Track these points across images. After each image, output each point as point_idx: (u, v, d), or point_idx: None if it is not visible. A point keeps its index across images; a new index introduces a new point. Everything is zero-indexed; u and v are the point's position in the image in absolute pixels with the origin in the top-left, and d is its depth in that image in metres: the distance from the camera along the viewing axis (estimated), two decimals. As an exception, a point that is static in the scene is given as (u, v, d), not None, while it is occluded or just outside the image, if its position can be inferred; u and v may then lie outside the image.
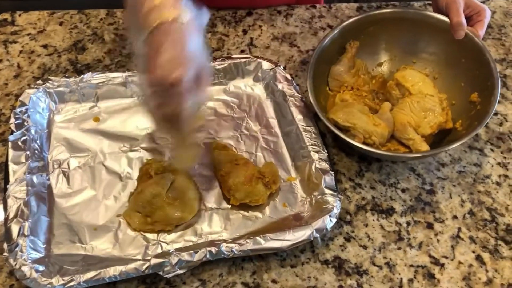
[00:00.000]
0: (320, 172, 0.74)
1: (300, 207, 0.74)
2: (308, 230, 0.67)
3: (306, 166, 0.76)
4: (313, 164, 0.75)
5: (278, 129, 0.83)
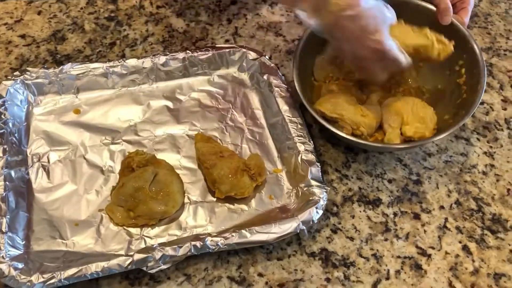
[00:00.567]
0: (306, 163, 0.73)
1: (286, 199, 0.73)
2: (294, 222, 0.66)
3: (292, 158, 0.75)
4: (299, 155, 0.74)
5: (263, 120, 0.82)
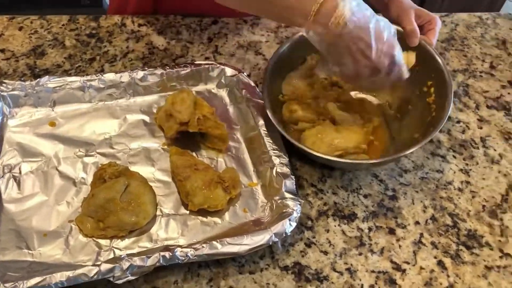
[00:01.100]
0: (281, 176, 0.72)
1: (260, 212, 0.72)
2: (267, 234, 0.66)
3: (267, 171, 0.74)
4: (274, 168, 0.73)
5: (240, 135, 0.82)
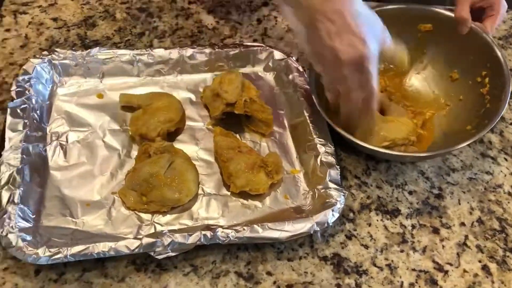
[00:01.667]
0: (326, 165, 0.71)
1: (302, 200, 0.71)
2: (308, 222, 0.65)
3: (311, 159, 0.73)
4: (318, 157, 0.72)
5: (285, 120, 0.81)
